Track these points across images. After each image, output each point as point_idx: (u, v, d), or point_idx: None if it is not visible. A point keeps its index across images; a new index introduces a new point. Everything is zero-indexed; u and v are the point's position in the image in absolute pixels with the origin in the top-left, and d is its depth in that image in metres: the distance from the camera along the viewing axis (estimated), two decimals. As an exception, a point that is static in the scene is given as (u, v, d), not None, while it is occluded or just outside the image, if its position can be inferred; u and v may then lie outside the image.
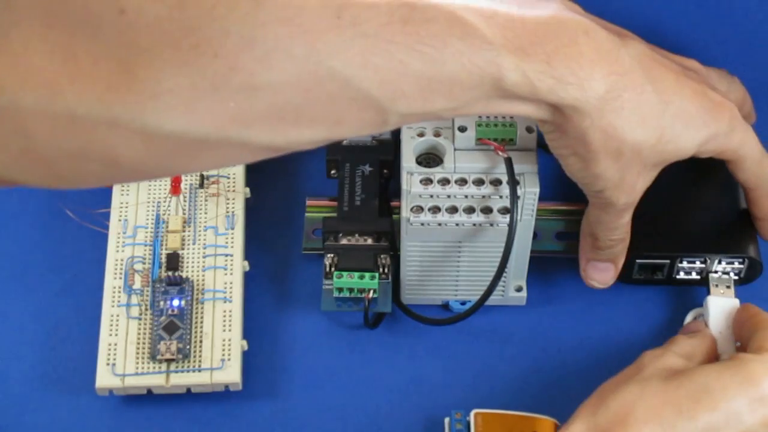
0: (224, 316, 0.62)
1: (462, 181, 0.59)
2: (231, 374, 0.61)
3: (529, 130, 0.59)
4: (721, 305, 0.61)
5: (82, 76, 0.42)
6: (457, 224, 0.59)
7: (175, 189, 0.66)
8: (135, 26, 0.42)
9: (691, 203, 0.65)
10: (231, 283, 0.63)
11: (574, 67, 0.50)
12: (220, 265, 0.64)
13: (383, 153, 0.67)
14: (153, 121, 0.44)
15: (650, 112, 0.53)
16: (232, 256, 0.64)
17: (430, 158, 0.60)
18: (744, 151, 0.59)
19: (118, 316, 0.62)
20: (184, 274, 0.63)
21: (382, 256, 0.63)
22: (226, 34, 0.43)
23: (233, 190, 0.66)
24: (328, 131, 0.47)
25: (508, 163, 0.58)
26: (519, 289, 0.64)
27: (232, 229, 0.65)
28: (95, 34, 0.42)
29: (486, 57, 0.48)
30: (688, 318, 0.64)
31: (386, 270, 0.63)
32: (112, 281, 0.63)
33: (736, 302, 0.61)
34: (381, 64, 0.46)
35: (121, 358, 0.61)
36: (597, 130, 0.52)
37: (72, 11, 0.42)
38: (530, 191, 0.58)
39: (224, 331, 0.62)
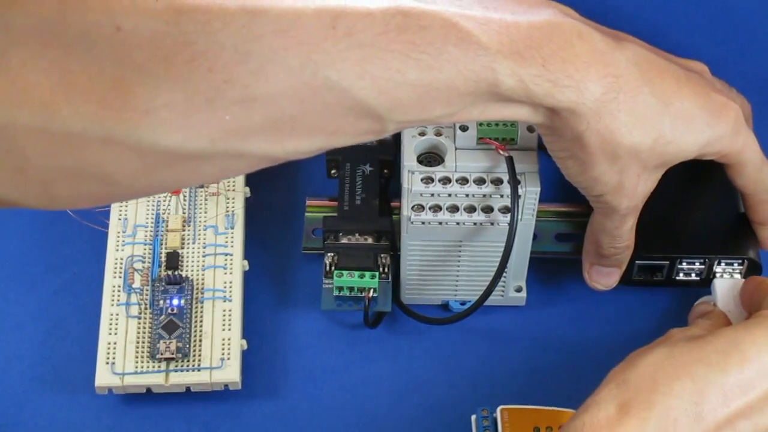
0: (224, 315, 0.62)
1: (463, 180, 0.59)
2: (230, 373, 0.61)
3: (530, 129, 0.60)
4: (727, 285, 0.61)
5: (78, 94, 0.42)
6: (457, 223, 0.59)
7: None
8: (130, 43, 0.42)
9: (690, 204, 0.65)
10: (231, 282, 0.63)
11: (570, 70, 0.50)
12: (219, 264, 0.64)
13: (383, 153, 0.67)
14: (148, 137, 0.44)
15: (647, 114, 0.53)
16: (231, 255, 0.64)
17: (431, 157, 0.60)
18: (746, 156, 0.59)
19: (117, 315, 0.62)
20: (183, 273, 0.63)
21: (382, 255, 0.63)
22: (221, 48, 0.43)
23: (233, 190, 0.67)
24: (326, 140, 0.47)
25: (509, 162, 0.58)
26: (519, 290, 0.65)
27: (232, 228, 0.65)
28: (91, 52, 0.42)
29: (482, 63, 0.48)
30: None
31: (386, 269, 0.64)
32: (111, 280, 0.63)
33: (741, 282, 0.62)
34: (377, 74, 0.46)
35: (121, 357, 0.61)
36: (594, 133, 0.53)
37: (69, 29, 0.42)
38: (531, 190, 0.58)
39: (224, 330, 0.62)
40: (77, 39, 0.42)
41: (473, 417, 0.60)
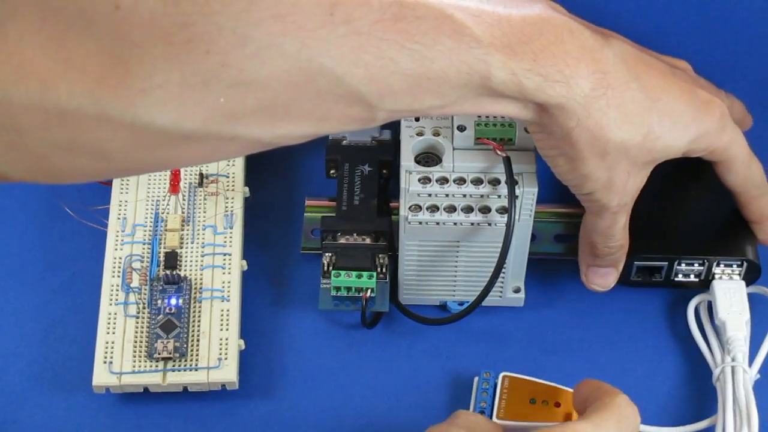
0: (222, 315, 0.62)
1: (460, 180, 0.59)
2: (228, 373, 0.60)
3: (528, 130, 0.59)
4: (727, 288, 0.61)
5: (75, 71, 0.43)
6: (455, 223, 0.59)
7: (174, 187, 0.66)
8: (129, 21, 0.42)
9: (689, 205, 0.65)
10: (229, 282, 0.63)
11: (560, 65, 0.51)
12: (218, 264, 0.64)
13: (383, 153, 0.67)
14: (143, 116, 0.44)
15: (635, 110, 0.54)
16: (230, 255, 0.64)
17: (429, 157, 0.60)
18: (734, 151, 0.59)
19: (115, 314, 0.62)
20: (182, 273, 0.63)
21: (380, 255, 0.63)
22: (219, 31, 0.43)
23: (232, 189, 0.66)
24: (315, 127, 0.48)
25: (507, 162, 0.58)
26: (517, 290, 0.64)
27: (231, 228, 0.65)
28: (89, 29, 0.42)
29: (474, 55, 0.48)
30: (692, 305, 0.64)
31: (384, 270, 0.63)
32: (110, 279, 0.63)
33: (742, 285, 0.62)
34: (371, 62, 0.46)
35: (118, 357, 0.61)
36: (583, 129, 0.53)
37: (67, 5, 0.42)
38: (528, 191, 0.58)
39: (221, 330, 0.62)
40: (76, 15, 0.42)
41: (476, 378, 0.61)
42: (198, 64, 0.43)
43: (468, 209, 0.59)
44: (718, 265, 0.63)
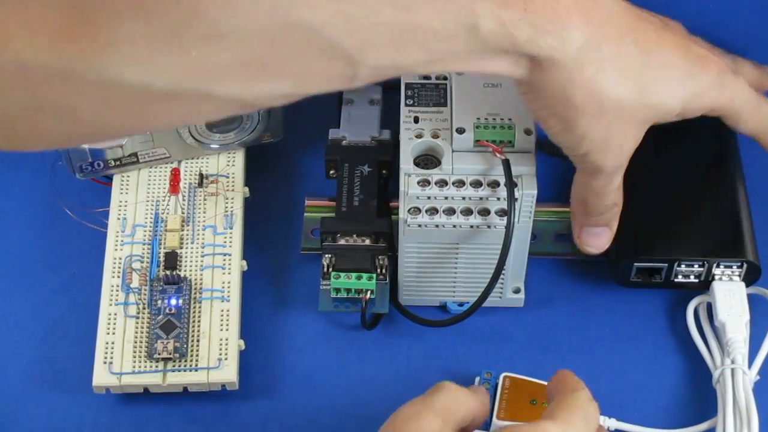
0: (222, 315, 0.62)
1: (460, 183, 0.59)
2: (228, 373, 0.61)
3: (527, 132, 0.59)
4: (727, 289, 0.61)
5: (33, 23, 0.40)
6: (454, 226, 0.59)
7: (174, 188, 0.66)
8: None
9: (689, 206, 0.64)
10: (229, 282, 0.63)
11: (551, 15, 0.48)
12: (218, 264, 0.64)
13: (382, 153, 0.67)
14: (110, 71, 0.42)
15: (631, 65, 0.52)
16: (230, 255, 0.64)
17: (428, 159, 0.60)
18: (739, 103, 0.57)
19: (115, 314, 0.62)
20: (182, 273, 0.63)
21: (379, 257, 0.63)
22: None
23: (232, 190, 0.66)
24: (295, 85, 0.46)
25: (506, 165, 0.58)
26: (517, 291, 0.64)
27: (231, 228, 0.65)
28: None
29: (461, 4, 0.46)
30: (691, 306, 0.64)
31: (384, 271, 0.63)
32: (110, 280, 0.63)
33: (741, 286, 0.62)
34: (352, 12, 0.44)
35: (118, 357, 0.61)
36: (576, 85, 0.51)
37: None
38: (528, 193, 0.58)
39: (221, 330, 0.62)
40: None
41: (477, 379, 0.61)
42: (167, 15, 0.41)
43: (467, 212, 0.59)
44: (718, 266, 0.63)
